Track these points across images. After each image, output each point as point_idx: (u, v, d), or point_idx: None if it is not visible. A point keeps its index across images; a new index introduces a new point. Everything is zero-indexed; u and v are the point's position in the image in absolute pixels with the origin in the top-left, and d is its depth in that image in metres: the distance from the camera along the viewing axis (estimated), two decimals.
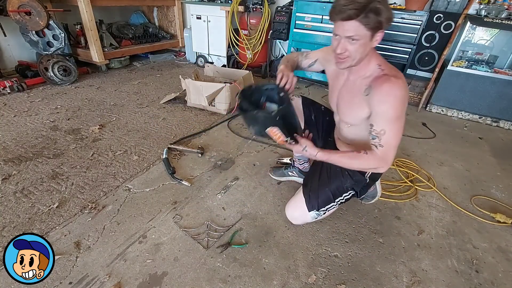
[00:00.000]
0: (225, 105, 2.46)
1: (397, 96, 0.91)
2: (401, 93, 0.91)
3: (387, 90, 0.91)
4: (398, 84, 0.91)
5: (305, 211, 1.25)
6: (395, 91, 0.90)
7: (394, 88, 0.90)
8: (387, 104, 0.92)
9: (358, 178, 1.22)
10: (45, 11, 2.71)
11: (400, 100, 0.91)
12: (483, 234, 1.40)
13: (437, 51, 2.83)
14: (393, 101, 0.91)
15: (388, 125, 0.94)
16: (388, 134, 0.95)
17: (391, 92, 0.90)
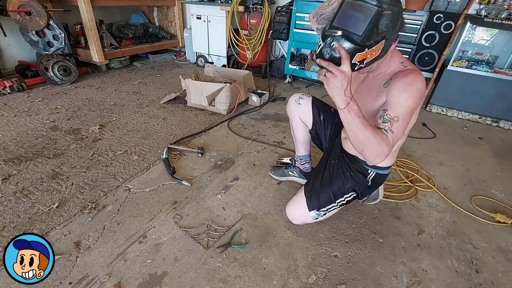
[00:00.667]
0: (225, 105, 2.46)
1: (419, 89, 0.89)
2: (423, 86, 0.89)
3: (411, 81, 0.89)
4: (422, 78, 0.90)
5: (306, 211, 1.26)
6: (418, 83, 0.89)
7: (418, 81, 0.89)
8: (408, 93, 0.89)
9: (360, 179, 1.23)
10: (45, 11, 2.71)
11: (421, 93, 0.89)
12: (483, 234, 1.40)
13: (437, 51, 2.83)
14: (415, 91, 0.89)
15: (403, 115, 0.90)
16: (400, 123, 0.90)
17: (415, 84, 0.89)
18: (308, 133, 1.50)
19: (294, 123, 1.50)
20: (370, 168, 1.21)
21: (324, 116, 1.41)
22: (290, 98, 1.48)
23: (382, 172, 1.23)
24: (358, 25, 0.79)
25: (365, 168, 1.22)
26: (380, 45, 0.83)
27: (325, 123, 1.42)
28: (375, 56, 0.85)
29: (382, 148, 0.89)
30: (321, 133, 1.44)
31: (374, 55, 0.85)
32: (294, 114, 1.47)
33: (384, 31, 0.81)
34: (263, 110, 2.66)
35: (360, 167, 1.23)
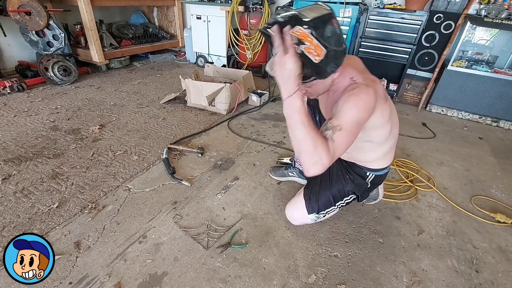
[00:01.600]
0: (225, 105, 2.46)
1: (364, 99, 0.87)
2: (368, 97, 0.87)
3: (356, 92, 0.88)
4: (367, 90, 0.88)
5: (305, 213, 1.26)
6: (363, 94, 0.87)
7: (363, 92, 0.87)
8: (351, 102, 0.87)
9: (359, 182, 1.23)
10: (45, 11, 2.71)
11: (365, 103, 0.87)
12: (483, 234, 1.40)
13: (437, 51, 2.83)
14: (358, 101, 0.87)
15: (346, 124, 0.85)
16: (343, 133, 0.85)
17: (359, 94, 0.87)
18: None
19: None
20: (369, 171, 1.21)
21: (320, 116, 1.39)
22: None
23: (381, 173, 1.23)
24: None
25: (364, 171, 1.22)
26: (319, 49, 0.78)
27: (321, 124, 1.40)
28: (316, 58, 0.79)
29: (319, 155, 0.83)
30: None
31: (314, 54, 0.78)
32: None
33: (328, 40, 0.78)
34: (263, 110, 2.66)
35: (359, 170, 1.22)
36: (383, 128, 1.03)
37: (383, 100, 0.96)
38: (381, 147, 1.13)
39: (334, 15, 0.78)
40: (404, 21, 2.61)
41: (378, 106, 0.92)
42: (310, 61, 0.79)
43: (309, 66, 0.81)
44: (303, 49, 0.78)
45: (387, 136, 1.07)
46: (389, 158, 1.20)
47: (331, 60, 0.81)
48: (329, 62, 0.81)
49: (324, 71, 0.84)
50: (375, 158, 1.17)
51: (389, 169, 1.26)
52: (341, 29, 0.81)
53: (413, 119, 2.68)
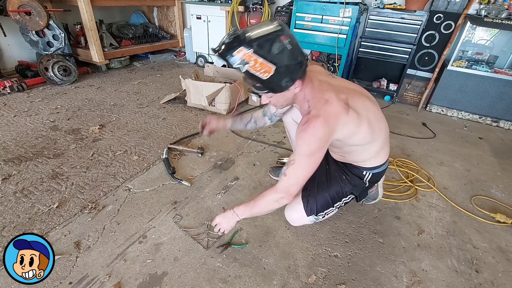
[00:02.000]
0: (225, 105, 2.46)
1: (313, 135, 0.93)
2: (316, 132, 0.93)
3: (306, 127, 0.94)
4: (317, 123, 0.92)
5: (304, 215, 1.26)
6: (310, 129, 0.93)
7: (310, 127, 0.93)
8: (301, 139, 0.95)
9: (357, 182, 1.22)
10: (45, 11, 2.71)
11: (315, 138, 0.93)
12: (483, 234, 1.40)
13: (437, 51, 2.83)
14: (307, 137, 0.94)
15: (298, 158, 0.97)
16: (295, 166, 0.97)
17: (307, 130, 0.93)
18: None
19: (287, 124, 1.49)
20: (365, 170, 1.21)
21: None
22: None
23: (378, 170, 1.22)
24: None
25: (360, 171, 1.21)
26: (267, 67, 0.83)
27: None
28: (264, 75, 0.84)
29: (273, 196, 1.02)
30: None
31: (261, 71, 0.84)
32: (286, 115, 1.45)
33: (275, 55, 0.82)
34: None
35: (355, 171, 1.22)
36: (358, 133, 1.03)
37: (343, 115, 0.96)
38: (371, 146, 1.12)
39: (283, 31, 0.81)
40: (404, 21, 2.61)
41: (336, 125, 0.96)
42: (258, 78, 0.85)
43: (259, 82, 0.87)
44: (247, 68, 0.83)
45: (370, 135, 1.07)
46: (383, 155, 1.19)
47: (284, 75, 0.86)
48: (282, 77, 0.86)
49: (277, 86, 0.89)
50: (369, 157, 1.16)
51: (387, 165, 1.25)
52: (294, 42, 0.84)
53: (413, 119, 2.68)
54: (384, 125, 1.13)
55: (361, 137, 1.05)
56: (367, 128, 1.03)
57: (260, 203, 1.06)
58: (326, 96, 0.97)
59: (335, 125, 0.95)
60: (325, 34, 2.89)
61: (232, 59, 0.82)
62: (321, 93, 0.98)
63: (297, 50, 0.85)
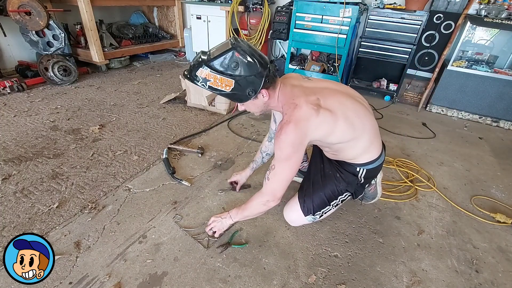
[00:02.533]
0: (225, 105, 2.46)
1: (284, 141, 0.99)
2: (287, 137, 0.98)
3: (278, 135, 1.00)
4: (285, 130, 0.98)
5: (301, 215, 1.26)
6: (283, 136, 0.98)
7: (282, 133, 0.98)
8: (276, 145, 1.02)
9: (351, 179, 1.22)
10: (45, 11, 2.71)
11: (287, 143, 0.99)
12: (483, 234, 1.40)
13: (437, 51, 2.83)
14: (280, 143, 1.00)
15: (277, 163, 1.04)
16: (276, 170, 1.05)
17: (280, 137, 0.99)
18: None
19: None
20: (359, 166, 1.20)
21: None
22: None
23: (372, 166, 1.20)
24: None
25: (354, 168, 1.21)
26: (226, 81, 0.93)
27: None
28: (226, 88, 0.95)
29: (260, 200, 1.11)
30: None
31: (222, 86, 0.94)
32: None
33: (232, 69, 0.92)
34: None
35: (349, 168, 1.22)
36: (335, 131, 1.04)
37: (313, 117, 0.99)
38: (356, 142, 1.12)
39: (236, 48, 0.91)
40: (404, 21, 2.61)
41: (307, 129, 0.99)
42: (221, 92, 0.96)
43: (224, 95, 0.97)
44: (209, 85, 0.95)
45: (351, 132, 1.07)
46: (374, 150, 1.17)
47: (246, 86, 0.95)
48: (244, 88, 0.95)
49: (242, 96, 0.98)
50: (359, 153, 1.16)
51: (381, 161, 1.23)
52: (251, 56, 0.92)
53: (413, 119, 2.68)
54: (368, 120, 1.11)
55: (340, 134, 1.06)
56: (344, 125, 1.04)
57: (249, 207, 1.15)
58: (296, 101, 1.01)
59: (306, 128, 0.99)
60: (325, 34, 2.89)
61: (196, 80, 0.95)
62: (291, 98, 1.03)
63: (255, 63, 0.92)
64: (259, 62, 0.93)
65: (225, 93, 0.96)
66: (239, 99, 1.00)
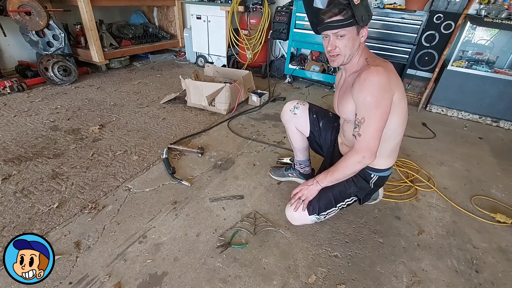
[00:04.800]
0: (225, 105, 2.46)
1: (374, 82, 0.91)
2: (378, 78, 0.91)
3: (364, 77, 0.93)
4: (377, 70, 0.92)
5: (305, 215, 1.25)
6: (371, 77, 0.91)
7: (371, 75, 0.91)
8: (364, 91, 0.93)
9: (363, 185, 1.22)
10: (45, 11, 2.71)
11: (377, 85, 0.91)
12: (483, 234, 1.40)
13: (437, 51, 2.83)
14: (370, 87, 0.92)
15: (367, 113, 0.95)
16: (367, 122, 0.95)
17: (368, 79, 0.92)
18: (305, 140, 1.47)
19: (290, 132, 1.48)
20: (373, 172, 1.20)
21: (324, 122, 1.38)
22: (284, 107, 1.44)
23: (384, 174, 1.22)
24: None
25: (368, 173, 1.21)
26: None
27: (325, 129, 1.39)
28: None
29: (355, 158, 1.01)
30: (320, 139, 1.41)
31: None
32: (289, 124, 1.44)
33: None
34: (263, 110, 2.66)
35: (363, 172, 1.21)
36: (397, 109, 1.01)
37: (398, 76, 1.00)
38: (393, 137, 1.11)
39: None
40: (404, 21, 2.61)
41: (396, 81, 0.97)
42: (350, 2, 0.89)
43: (349, 8, 0.90)
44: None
45: (402, 118, 1.06)
46: (393, 157, 1.19)
47: (366, 9, 0.91)
48: (365, 10, 0.91)
49: (361, 16, 0.91)
50: (382, 154, 1.14)
51: (392, 171, 1.26)
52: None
53: (413, 119, 2.68)
54: (405, 124, 1.12)
55: (397, 115, 1.03)
56: (403, 108, 1.04)
57: (342, 167, 1.07)
58: (383, 59, 1.02)
59: (394, 80, 0.95)
60: None
61: None
62: (377, 57, 1.04)
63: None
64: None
65: (352, 3, 0.88)
66: (357, 18, 0.91)
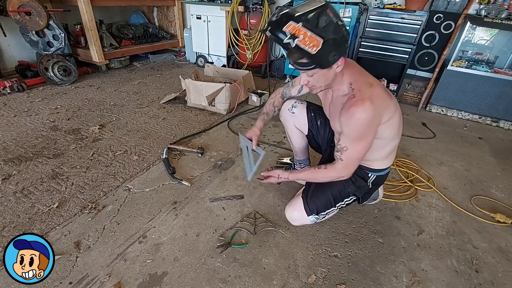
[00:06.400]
0: (225, 105, 2.46)
1: (360, 120, 0.94)
2: (364, 116, 0.93)
3: (351, 114, 0.95)
4: (363, 107, 0.92)
5: (304, 215, 1.26)
6: (358, 114, 0.93)
7: (358, 112, 0.93)
8: (350, 126, 0.97)
9: (360, 184, 1.22)
10: (45, 11, 2.71)
11: (363, 122, 0.95)
12: (483, 234, 1.40)
13: (437, 51, 2.83)
14: (355, 124, 0.95)
15: (351, 144, 1.00)
16: (350, 151, 1.01)
17: (355, 117, 0.94)
18: (305, 138, 1.48)
19: (289, 131, 1.48)
20: (370, 172, 1.21)
21: (322, 120, 1.38)
22: (283, 106, 1.44)
23: (382, 173, 1.23)
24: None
25: (365, 173, 1.21)
26: (315, 40, 0.82)
27: (323, 127, 1.39)
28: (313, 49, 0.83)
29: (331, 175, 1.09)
30: (319, 137, 1.42)
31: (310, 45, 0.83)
32: (288, 122, 1.44)
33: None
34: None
35: (360, 172, 1.21)
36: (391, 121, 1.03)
37: (387, 100, 0.99)
38: (389, 143, 1.12)
39: (329, 5, 0.82)
40: (404, 21, 2.61)
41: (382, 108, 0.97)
42: (307, 53, 0.84)
43: (308, 56, 0.86)
44: (297, 43, 0.83)
45: (397, 129, 1.08)
46: (391, 158, 1.20)
47: (331, 49, 0.85)
48: (329, 51, 0.85)
49: (325, 60, 0.88)
50: (380, 157, 1.16)
51: (390, 169, 1.26)
52: (339, 18, 0.84)
53: (413, 119, 2.68)
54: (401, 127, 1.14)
55: (389, 127, 1.05)
56: (398, 119, 1.06)
57: (320, 177, 1.14)
58: (369, 80, 0.99)
59: (381, 108, 0.97)
60: None
61: (282, 35, 0.83)
62: (363, 76, 1.00)
63: (342, 25, 0.85)
64: (343, 26, 0.85)
65: (309, 54, 0.84)
66: (320, 63, 0.89)
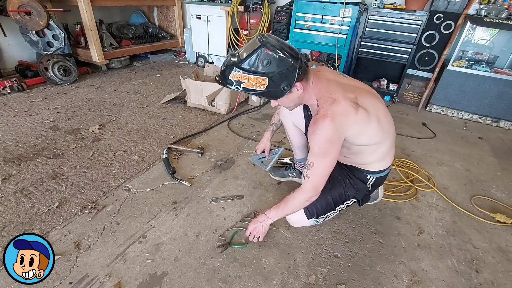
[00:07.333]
0: (225, 105, 2.46)
1: (320, 136, 0.97)
2: (323, 132, 0.96)
3: (312, 130, 0.98)
4: (322, 124, 0.95)
5: (304, 218, 1.26)
6: (318, 131, 0.96)
7: (318, 128, 0.96)
8: (312, 142, 1.00)
9: (360, 186, 1.22)
10: (45, 11, 2.70)
11: (323, 138, 0.97)
12: (483, 234, 1.40)
13: (437, 51, 2.83)
14: (316, 139, 0.98)
15: (316, 160, 1.02)
16: (315, 167, 1.03)
17: (317, 132, 0.97)
18: (303, 136, 1.48)
19: (288, 128, 1.48)
20: (369, 174, 1.20)
21: None
22: None
23: (381, 174, 1.22)
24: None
25: (364, 175, 1.21)
26: (260, 80, 0.90)
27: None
28: (260, 87, 0.92)
29: (302, 197, 1.08)
30: None
31: (257, 85, 0.92)
32: (286, 119, 1.44)
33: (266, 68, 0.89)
34: (263, 110, 2.66)
35: (359, 174, 1.21)
36: (367, 132, 1.04)
37: (352, 113, 0.98)
38: (379, 147, 1.12)
39: (265, 44, 0.88)
40: (404, 21, 2.61)
41: (345, 124, 0.98)
42: (257, 91, 0.94)
43: (260, 94, 0.95)
44: (244, 86, 0.93)
45: (379, 135, 1.07)
46: (388, 159, 1.19)
47: (280, 81, 0.92)
48: (278, 84, 0.92)
49: (277, 92, 0.95)
50: (375, 160, 1.16)
51: (390, 169, 1.26)
52: (282, 48, 0.89)
53: (413, 119, 2.68)
54: (392, 127, 1.13)
55: (370, 136, 1.05)
56: (376, 126, 1.04)
57: (291, 205, 1.13)
58: (333, 95, 0.99)
59: (343, 124, 0.97)
60: (325, 34, 2.89)
61: (229, 84, 0.94)
62: (328, 92, 1.01)
63: (286, 57, 0.89)
64: (290, 55, 0.90)
65: (260, 92, 0.93)
66: (275, 95, 0.97)
